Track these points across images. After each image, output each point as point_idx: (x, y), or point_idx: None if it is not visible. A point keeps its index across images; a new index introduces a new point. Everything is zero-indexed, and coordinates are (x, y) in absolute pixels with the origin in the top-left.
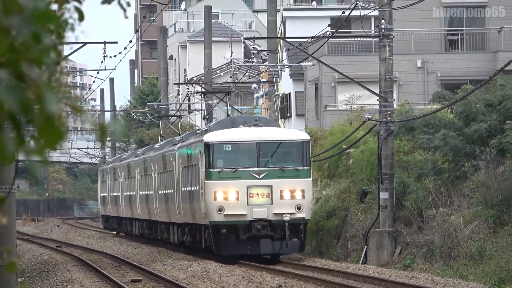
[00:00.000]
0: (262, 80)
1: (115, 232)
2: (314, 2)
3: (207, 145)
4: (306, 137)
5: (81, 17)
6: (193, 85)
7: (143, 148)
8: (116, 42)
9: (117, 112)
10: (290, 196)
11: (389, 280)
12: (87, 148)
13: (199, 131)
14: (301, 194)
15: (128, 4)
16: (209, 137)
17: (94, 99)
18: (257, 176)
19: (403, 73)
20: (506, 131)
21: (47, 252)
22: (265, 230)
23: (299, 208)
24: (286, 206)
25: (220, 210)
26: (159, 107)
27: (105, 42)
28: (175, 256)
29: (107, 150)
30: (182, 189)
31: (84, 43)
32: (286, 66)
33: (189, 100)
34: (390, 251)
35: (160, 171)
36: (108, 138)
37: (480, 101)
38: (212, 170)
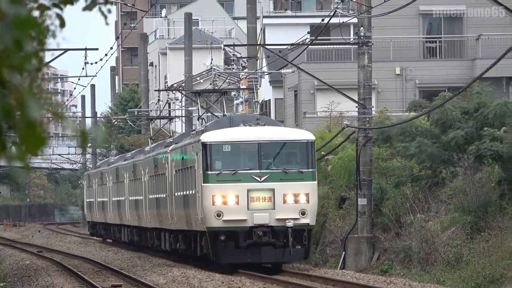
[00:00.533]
0: (242, 87)
1: (101, 239)
2: (289, 11)
3: (205, 146)
4: (311, 137)
5: (62, 24)
6: (174, 91)
7: (132, 152)
8: (97, 49)
9: (98, 118)
10: (294, 201)
11: (366, 286)
12: (68, 154)
13: (194, 131)
14: (306, 198)
15: (109, 11)
16: (207, 137)
17: (75, 106)
18: (259, 179)
19: (382, 80)
20: (483, 137)
21: (28, 257)
22: (266, 237)
23: (303, 213)
24: (290, 211)
25: (219, 215)
26: (140, 113)
27: (86, 49)
28: (155, 262)
29: (88, 156)
30: (176, 193)
31: (66, 50)
32: (265, 73)
33: (169, 106)
34: (368, 256)
35: (151, 175)
36: (89, 144)
37: (457, 109)
38: (210, 172)
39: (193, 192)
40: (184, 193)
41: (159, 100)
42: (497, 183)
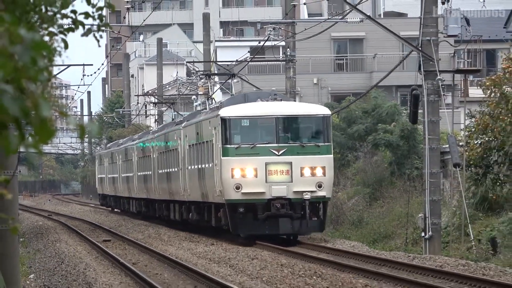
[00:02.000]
0: (199, 93)
1: (110, 209)
2: (229, 37)
3: (224, 120)
4: (327, 111)
5: (66, 46)
6: (149, 96)
7: (139, 133)
8: (92, 65)
9: (92, 116)
10: (311, 174)
11: (295, 240)
12: (71, 143)
13: (204, 109)
14: (322, 171)
15: (101, 36)
16: (226, 112)
17: (76, 107)
18: (276, 153)
19: (303, 88)
20: (378, 130)
21: (41, 219)
22: (284, 209)
23: (320, 186)
24: (307, 184)
25: (238, 188)
26: (124, 112)
27: (84, 65)
28: (135, 223)
29: (85, 144)
30: (189, 167)
31: (68, 65)
32: (217, 82)
33: (145, 107)
34: None
35: (161, 151)
36: (86, 136)
37: (359, 109)
38: (229, 146)
39: (210, 165)
40: (199, 166)
41: (138, 102)
42: (389, 164)
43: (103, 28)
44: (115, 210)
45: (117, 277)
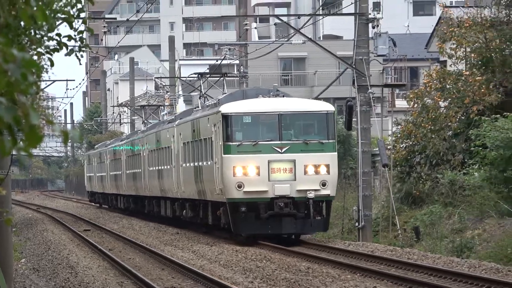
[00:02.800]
0: (166, 104)
1: (98, 205)
2: (191, 57)
3: (225, 117)
4: (331, 108)
5: (52, 64)
6: (122, 107)
7: (127, 134)
8: (74, 80)
9: (74, 124)
10: (315, 172)
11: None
12: (56, 146)
13: (196, 108)
14: (326, 169)
15: (81, 56)
16: (227, 108)
17: (60, 116)
18: (279, 150)
19: None
20: None
21: (31, 212)
22: (288, 208)
23: (324, 184)
24: (310, 182)
25: (240, 186)
26: (101, 120)
27: (67, 80)
28: (110, 215)
29: (68, 148)
30: (184, 165)
31: (54, 81)
32: (181, 95)
33: (120, 116)
34: None
35: (152, 149)
36: (69, 141)
37: None
38: (230, 143)
39: (209, 163)
40: (196, 164)
41: (113, 112)
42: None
43: (84, 48)
44: (103, 206)
45: (95, 261)
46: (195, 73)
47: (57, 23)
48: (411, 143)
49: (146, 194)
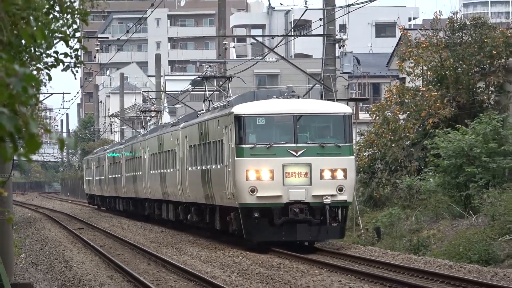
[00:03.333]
0: (153, 115)
1: (96, 207)
2: (176, 73)
3: (238, 118)
4: (348, 110)
5: (49, 78)
6: (113, 117)
7: (127, 138)
8: (69, 93)
9: (70, 133)
10: (331, 176)
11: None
12: (53, 152)
13: (214, 107)
14: (343, 174)
15: (76, 71)
16: (240, 109)
17: (57, 125)
18: (294, 153)
19: None
20: None
21: (30, 212)
22: (303, 214)
23: (340, 189)
24: (327, 187)
25: (253, 191)
26: (94, 129)
27: (63, 93)
28: (102, 215)
29: (64, 154)
30: (189, 168)
31: (51, 93)
32: (166, 107)
33: (111, 126)
34: None
35: (154, 153)
36: (65, 148)
37: None
38: (243, 146)
39: (219, 166)
40: (203, 167)
41: (105, 122)
42: None
43: (79, 65)
44: (101, 208)
45: (88, 256)
46: (199, 76)
47: (55, 41)
48: (373, 151)
49: (147, 197)
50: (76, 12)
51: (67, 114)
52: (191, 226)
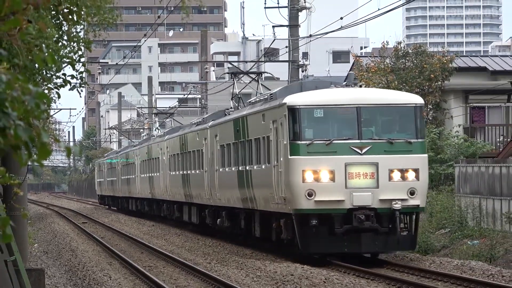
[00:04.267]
0: (145, 127)
1: (107, 207)
2: (165, 92)
3: (292, 110)
4: (420, 100)
5: (58, 96)
6: (112, 130)
7: (140, 140)
8: (75, 109)
9: (75, 142)
10: (401, 177)
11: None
12: (61, 159)
13: (250, 102)
14: (415, 174)
15: (82, 90)
16: (295, 100)
17: (65, 136)
18: (359, 151)
19: None
20: None
21: (42, 208)
22: (369, 222)
23: (412, 193)
24: (396, 191)
25: (310, 195)
26: (96, 139)
27: (70, 109)
28: (103, 211)
29: (71, 160)
30: (221, 169)
31: (60, 109)
32: (157, 120)
33: (110, 136)
34: None
35: (174, 153)
36: (71, 155)
37: None
38: (299, 142)
39: (263, 167)
40: (241, 168)
41: (105, 133)
42: None
43: (83, 85)
44: (112, 208)
45: (91, 246)
46: (227, 72)
47: (63, 65)
48: None
49: (165, 198)
50: (81, 40)
51: (73, 127)
52: (221, 231)
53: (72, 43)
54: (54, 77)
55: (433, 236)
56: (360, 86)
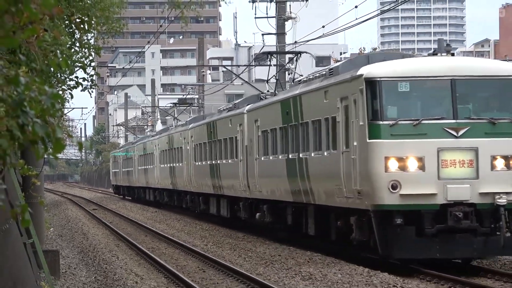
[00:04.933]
0: (149, 124)
1: (122, 196)
2: (166, 93)
3: (372, 84)
4: None
5: (71, 97)
6: (119, 126)
7: (159, 130)
8: (86, 107)
9: (87, 137)
10: (506, 166)
11: None
12: (74, 152)
13: (299, 81)
14: None
15: (92, 91)
16: (375, 70)
17: (77, 132)
18: (454, 133)
19: None
20: None
21: (57, 196)
22: (467, 220)
23: None
24: (500, 182)
25: (394, 187)
26: (105, 135)
27: (82, 108)
28: (112, 199)
29: (82, 153)
30: (262, 157)
31: (73, 108)
32: (159, 118)
33: (118, 132)
34: None
35: (200, 142)
36: (83, 148)
37: None
38: (380, 123)
39: (325, 153)
40: (292, 156)
41: (113, 129)
42: None
43: (93, 87)
44: (127, 198)
45: (101, 229)
46: (264, 52)
47: (76, 69)
48: None
49: (189, 190)
50: (91, 47)
51: (85, 124)
52: (260, 226)
53: (83, 49)
54: (67, 79)
55: None
56: (453, 55)
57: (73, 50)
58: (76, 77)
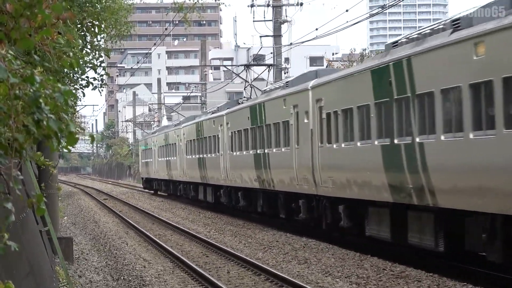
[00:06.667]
0: (155, 120)
1: (153, 191)
2: (172, 90)
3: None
4: None
5: (83, 95)
6: (128, 122)
7: (182, 119)
8: (97, 105)
9: (98, 132)
10: None
11: None
12: (86, 146)
13: (377, 55)
14: None
15: (102, 90)
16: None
17: (89, 127)
18: None
19: None
20: None
21: (71, 187)
22: None
23: None
24: None
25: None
26: (114, 130)
27: (93, 105)
28: (120, 190)
29: (94, 147)
30: (327, 144)
31: (85, 105)
32: (164, 115)
33: (126, 127)
34: None
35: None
36: (94, 142)
37: None
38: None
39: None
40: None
41: (123, 125)
42: None
43: (104, 85)
44: (159, 193)
45: (111, 218)
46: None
47: (87, 69)
48: None
49: (226, 184)
50: (102, 49)
51: (96, 120)
52: (342, 232)
53: (94, 51)
54: (79, 79)
55: None
56: None
57: (84, 51)
58: (87, 77)
